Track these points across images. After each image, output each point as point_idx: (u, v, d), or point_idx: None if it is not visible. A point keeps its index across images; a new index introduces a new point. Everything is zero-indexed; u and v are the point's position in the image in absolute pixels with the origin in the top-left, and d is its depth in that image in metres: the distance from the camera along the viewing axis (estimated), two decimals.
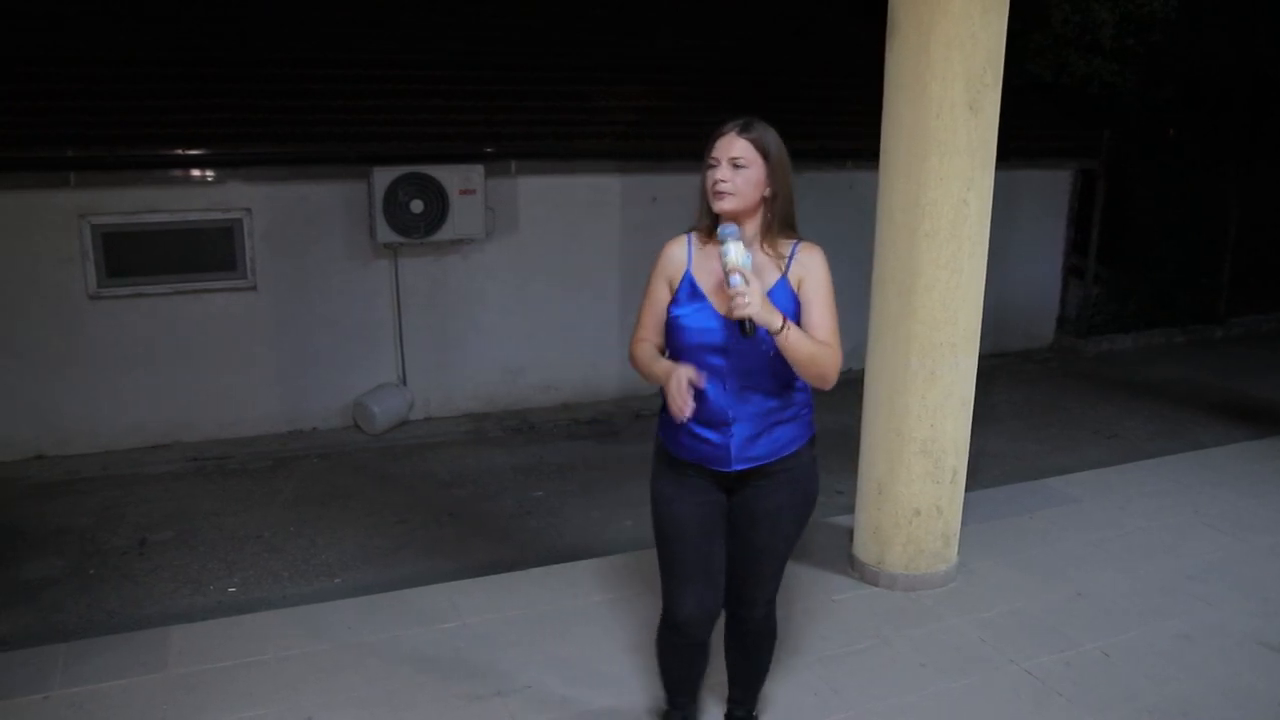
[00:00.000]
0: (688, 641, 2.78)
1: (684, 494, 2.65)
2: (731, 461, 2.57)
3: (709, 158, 2.52)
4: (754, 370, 2.53)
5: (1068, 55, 10.74)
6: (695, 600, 2.68)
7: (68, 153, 5.80)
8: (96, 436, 6.20)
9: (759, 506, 2.65)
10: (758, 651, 2.91)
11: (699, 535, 2.65)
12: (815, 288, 2.53)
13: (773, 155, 2.52)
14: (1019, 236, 8.61)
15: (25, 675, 3.36)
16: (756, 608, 2.79)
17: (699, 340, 2.52)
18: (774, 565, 2.75)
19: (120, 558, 4.82)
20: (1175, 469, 5.45)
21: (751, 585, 2.75)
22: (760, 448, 2.59)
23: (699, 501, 2.65)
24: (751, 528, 2.68)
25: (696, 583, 2.68)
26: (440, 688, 3.33)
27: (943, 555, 4.08)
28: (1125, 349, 9.28)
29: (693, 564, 2.67)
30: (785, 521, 2.69)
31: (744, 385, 2.54)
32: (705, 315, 2.53)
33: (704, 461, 2.60)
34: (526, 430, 6.86)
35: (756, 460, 2.59)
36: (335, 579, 4.63)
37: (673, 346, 2.59)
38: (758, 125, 2.53)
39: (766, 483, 2.63)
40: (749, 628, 2.84)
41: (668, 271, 2.61)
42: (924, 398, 3.88)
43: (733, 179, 2.48)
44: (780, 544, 2.72)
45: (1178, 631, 3.75)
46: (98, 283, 6.06)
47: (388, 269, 6.70)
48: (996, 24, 3.65)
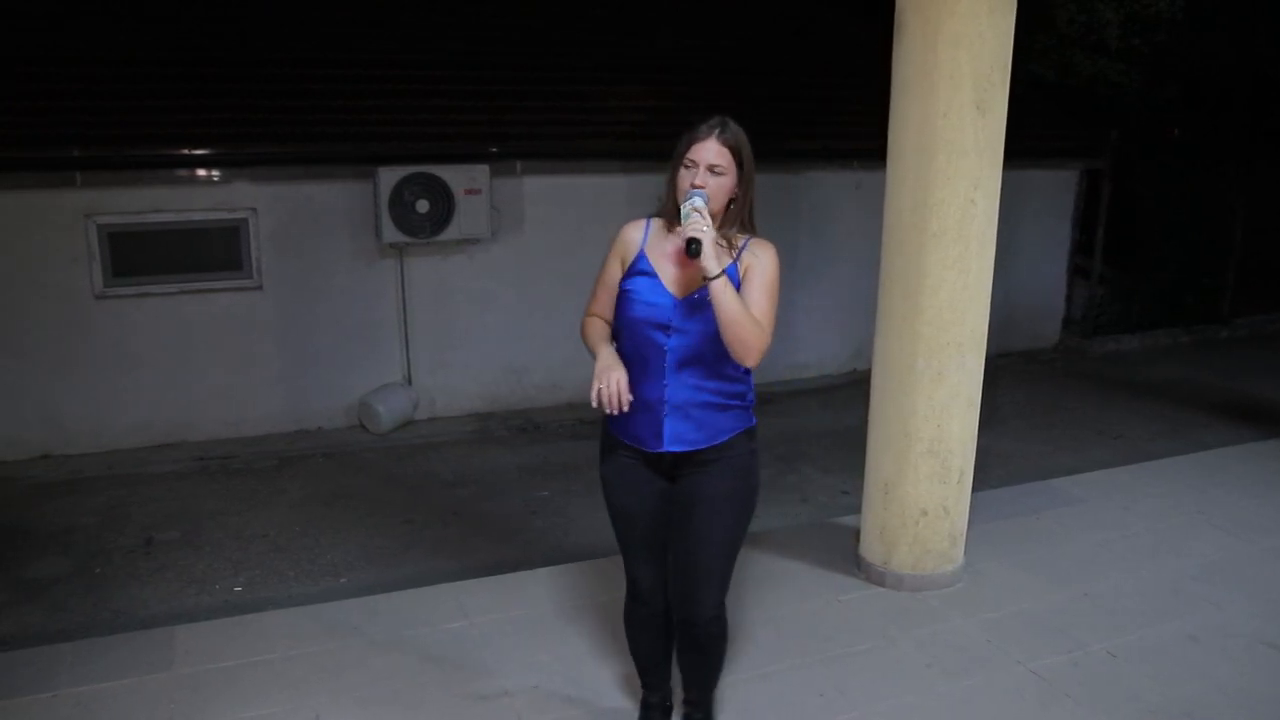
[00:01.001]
0: (649, 610, 2.88)
1: (626, 481, 2.75)
2: (664, 442, 2.64)
3: (685, 158, 2.57)
4: (693, 350, 2.59)
5: (1073, 55, 10.74)
6: (653, 572, 2.83)
7: (73, 153, 5.81)
8: (102, 436, 6.21)
9: (695, 493, 2.69)
10: (709, 655, 2.91)
11: (645, 519, 2.77)
12: (759, 274, 2.60)
13: (745, 164, 2.60)
14: (1024, 237, 8.59)
15: (31, 674, 3.36)
16: (704, 609, 2.75)
17: (645, 314, 2.60)
18: (715, 560, 2.73)
19: (126, 557, 4.83)
20: (1180, 470, 5.44)
21: (695, 583, 2.73)
22: (693, 432, 2.63)
23: (643, 493, 2.74)
24: (688, 515, 2.70)
25: (651, 558, 2.82)
26: (447, 687, 3.33)
27: (949, 556, 4.08)
28: (1130, 349, 9.27)
29: (642, 543, 2.81)
30: (722, 510, 2.70)
31: (682, 365, 2.60)
32: (654, 290, 2.61)
33: (638, 442, 2.68)
34: (531, 430, 6.86)
35: (690, 444, 2.64)
36: (341, 578, 4.64)
37: (620, 318, 2.67)
38: (731, 127, 2.59)
39: (704, 470, 2.68)
40: (697, 632, 2.81)
41: (622, 250, 2.71)
42: (931, 398, 3.87)
43: (707, 184, 2.54)
44: (718, 533, 2.71)
45: (1184, 632, 3.75)
46: (103, 282, 6.07)
47: (393, 269, 6.71)
48: (1004, 24, 3.65)
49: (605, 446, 2.80)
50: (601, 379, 2.54)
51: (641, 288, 2.62)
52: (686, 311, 2.58)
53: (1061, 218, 9.01)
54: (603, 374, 2.55)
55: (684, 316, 2.57)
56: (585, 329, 2.74)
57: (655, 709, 3.08)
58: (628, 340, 2.65)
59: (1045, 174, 8.71)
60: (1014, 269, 8.39)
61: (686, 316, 2.57)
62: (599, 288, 2.76)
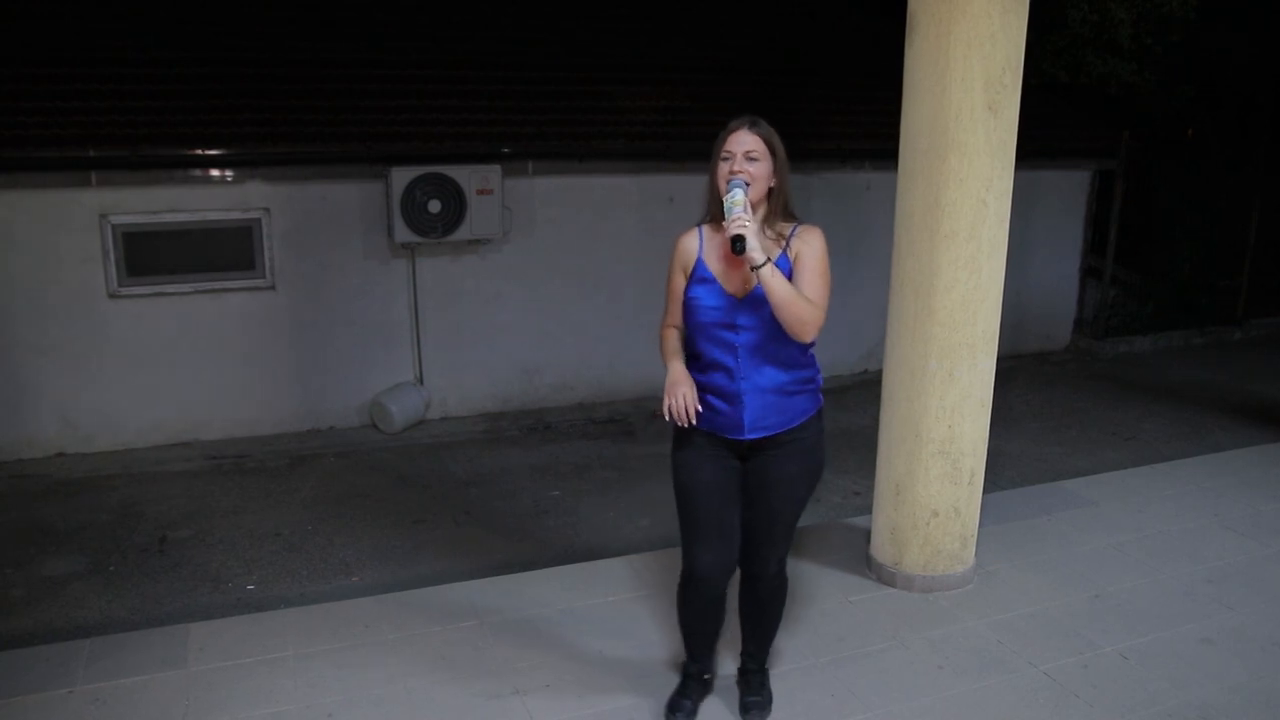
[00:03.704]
0: (705, 595, 2.99)
1: (701, 460, 2.86)
2: (745, 430, 2.80)
3: (722, 151, 2.75)
4: (764, 343, 2.76)
5: (1085, 55, 10.69)
6: (712, 556, 2.90)
7: (89, 153, 5.86)
8: (116, 434, 6.26)
9: (771, 474, 2.86)
10: (770, 607, 3.11)
11: (715, 498, 2.87)
12: (810, 256, 2.76)
13: (778, 152, 2.77)
14: (1037, 238, 8.57)
15: (49, 670, 3.39)
16: (769, 566, 2.99)
17: (712, 318, 2.77)
18: (785, 528, 2.95)
19: (140, 555, 4.86)
20: (1194, 471, 5.42)
21: (766, 547, 2.96)
22: (771, 418, 2.81)
23: (715, 468, 2.86)
24: (764, 493, 2.88)
25: (712, 540, 2.90)
26: (459, 686, 3.34)
27: (960, 557, 4.07)
28: (1143, 351, 9.23)
29: (709, 524, 2.89)
30: (797, 487, 2.90)
31: (756, 358, 2.77)
32: (714, 293, 2.78)
33: (719, 430, 2.83)
34: (543, 430, 6.88)
35: (768, 430, 2.81)
36: (353, 577, 4.66)
37: (690, 324, 2.83)
38: (763, 123, 2.77)
39: (778, 451, 2.84)
40: (762, 585, 3.04)
41: (682, 260, 2.87)
42: (942, 399, 3.87)
43: (747, 169, 2.71)
44: (791, 508, 2.92)
45: (1198, 635, 3.73)
46: (118, 282, 6.11)
47: (405, 269, 6.73)
48: (1016, 25, 3.64)
49: (681, 433, 2.89)
50: (672, 394, 2.70)
51: (704, 294, 2.79)
52: (749, 308, 2.74)
53: (1074, 218, 8.98)
54: (672, 388, 2.72)
55: (747, 313, 2.75)
56: (662, 340, 2.91)
57: (694, 679, 3.20)
58: (702, 342, 2.81)
59: (1058, 174, 8.69)
60: (1026, 270, 8.37)
61: (750, 312, 2.74)
62: (668, 300, 2.91)
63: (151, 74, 6.55)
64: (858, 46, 9.06)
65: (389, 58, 7.26)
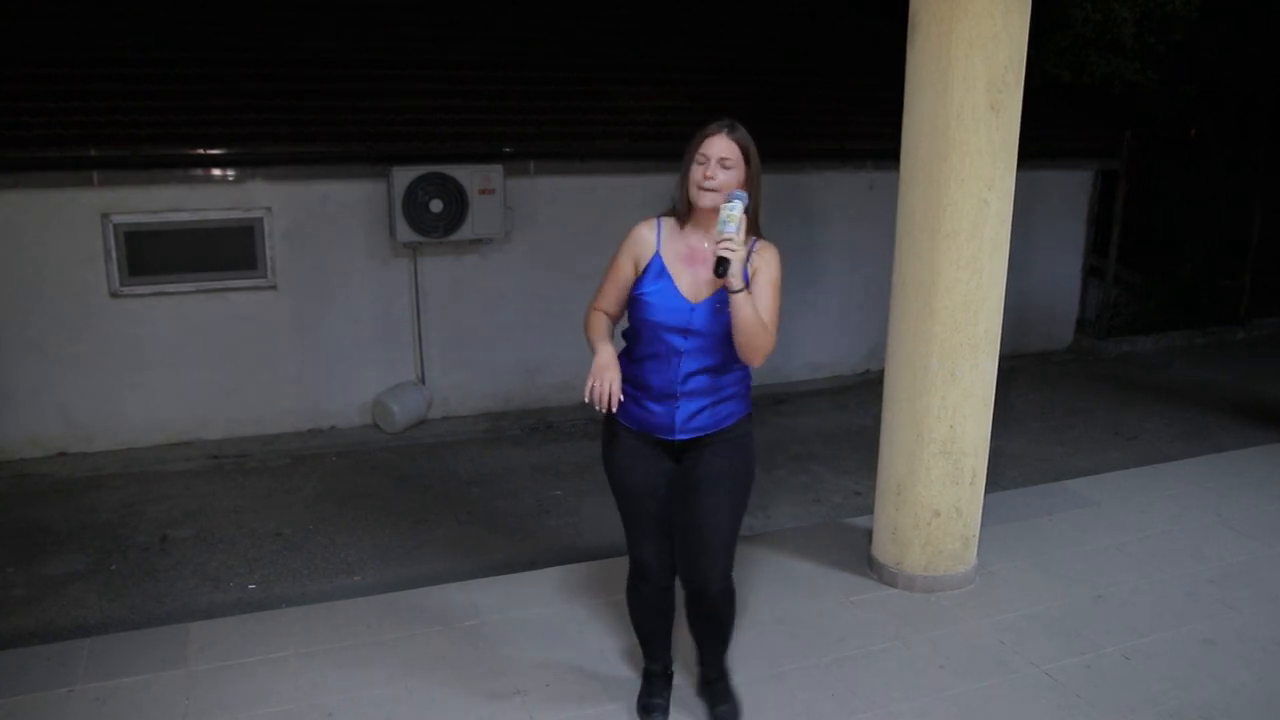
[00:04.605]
0: (654, 587, 3.02)
1: (634, 462, 2.88)
2: (676, 431, 2.81)
3: (697, 154, 2.71)
4: (706, 350, 2.75)
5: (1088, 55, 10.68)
6: (655, 548, 2.94)
7: (90, 152, 5.86)
8: (118, 434, 6.26)
9: (700, 469, 2.85)
10: (718, 619, 3.04)
11: (651, 498, 2.89)
12: (766, 279, 2.75)
13: (753, 162, 2.73)
14: (1039, 237, 8.56)
15: (49, 670, 3.40)
16: (714, 580, 2.91)
17: (663, 318, 2.75)
18: (722, 533, 2.87)
19: (142, 554, 4.86)
20: (1197, 472, 5.41)
21: (704, 557, 2.87)
22: (702, 420, 2.82)
23: (648, 469, 2.88)
24: (695, 491, 2.85)
25: (654, 535, 2.93)
26: (459, 686, 3.34)
27: (962, 557, 4.07)
28: (1145, 350, 9.22)
29: (648, 521, 2.92)
30: (727, 485, 2.86)
31: (694, 364, 2.76)
32: (671, 294, 2.75)
33: (651, 430, 2.84)
34: (544, 429, 6.88)
35: (698, 430, 2.82)
36: (354, 577, 4.65)
37: (636, 321, 2.81)
38: (741, 129, 2.73)
39: (707, 450, 2.85)
40: (709, 602, 2.96)
41: (635, 250, 2.82)
42: (944, 399, 3.86)
43: (718, 176, 2.67)
44: (724, 506, 2.85)
45: (1200, 635, 3.73)
46: (120, 281, 6.11)
47: (407, 268, 6.73)
48: (1018, 24, 3.64)
49: (610, 434, 2.93)
50: (597, 377, 2.69)
51: (658, 292, 2.76)
52: (702, 316, 2.73)
53: (1077, 218, 8.97)
54: (599, 372, 2.69)
55: (699, 321, 2.73)
56: (589, 321, 2.89)
57: (658, 677, 3.21)
58: (646, 341, 2.80)
59: (1060, 174, 8.67)
60: (1029, 270, 8.36)
61: (702, 321, 2.73)
62: (607, 283, 2.87)
63: (152, 74, 6.55)
64: (858, 46, 9.05)
65: (390, 58, 7.26)
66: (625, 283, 2.83)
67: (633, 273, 2.81)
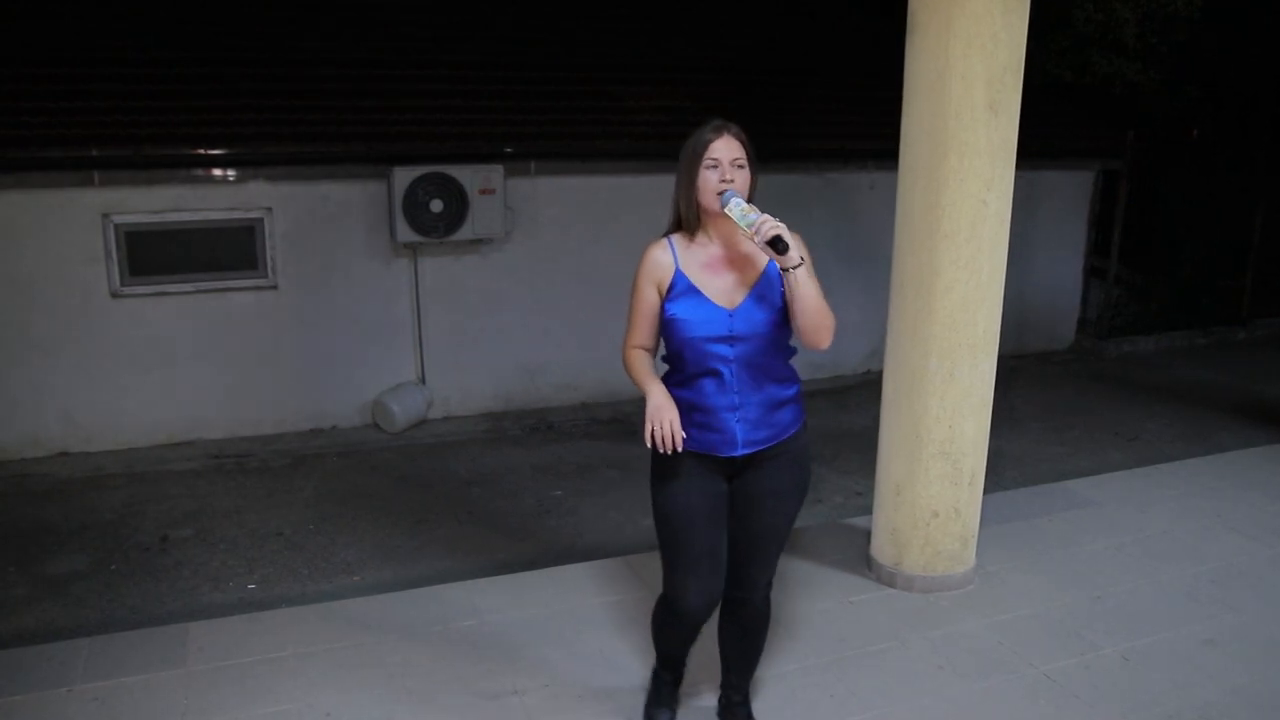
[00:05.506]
0: (688, 625, 2.87)
1: (689, 487, 2.69)
2: (739, 446, 2.64)
3: (706, 159, 2.58)
4: (756, 355, 2.61)
5: (1090, 55, 10.67)
6: (699, 588, 2.74)
7: (91, 152, 5.86)
8: (119, 434, 6.27)
9: (762, 488, 2.72)
10: (755, 635, 2.97)
11: (706, 528, 2.71)
12: (806, 260, 2.60)
13: (752, 157, 2.64)
14: (1040, 237, 8.56)
15: (49, 669, 3.40)
16: (757, 590, 2.85)
17: (703, 332, 2.59)
18: (776, 546, 2.82)
19: (142, 554, 4.87)
20: (1197, 472, 5.40)
21: (754, 568, 2.81)
22: (764, 431, 2.66)
23: (704, 494, 2.70)
24: (755, 510, 2.74)
25: (702, 571, 2.73)
26: (459, 685, 3.34)
27: (961, 557, 4.07)
28: (1146, 351, 9.21)
29: (698, 555, 2.72)
30: (788, 501, 2.77)
31: (748, 372, 2.62)
32: (705, 306, 2.60)
33: (711, 449, 2.66)
34: (545, 429, 6.88)
35: (761, 444, 2.66)
36: (355, 577, 4.66)
37: (676, 344, 2.63)
38: (734, 125, 2.63)
39: (769, 465, 2.70)
40: (748, 611, 2.89)
41: (655, 275, 2.67)
42: (943, 399, 3.86)
43: (736, 179, 2.57)
44: (783, 523, 2.78)
45: (1200, 636, 3.72)
46: (120, 281, 6.12)
47: (407, 268, 6.74)
48: (1018, 24, 3.63)
49: (663, 457, 2.67)
50: (655, 420, 2.53)
51: (692, 307, 2.60)
52: (743, 319, 2.59)
53: (1078, 218, 8.96)
54: (656, 414, 2.54)
55: (741, 324, 2.59)
56: (629, 363, 2.70)
57: (669, 685, 3.14)
58: (691, 361, 2.62)
59: (1061, 174, 8.67)
60: (1030, 270, 8.36)
61: (744, 323, 2.59)
62: (636, 317, 2.70)
63: (153, 74, 6.56)
64: (858, 46, 9.05)
65: (390, 58, 7.26)
66: (653, 311, 2.67)
67: (658, 299, 2.66)
